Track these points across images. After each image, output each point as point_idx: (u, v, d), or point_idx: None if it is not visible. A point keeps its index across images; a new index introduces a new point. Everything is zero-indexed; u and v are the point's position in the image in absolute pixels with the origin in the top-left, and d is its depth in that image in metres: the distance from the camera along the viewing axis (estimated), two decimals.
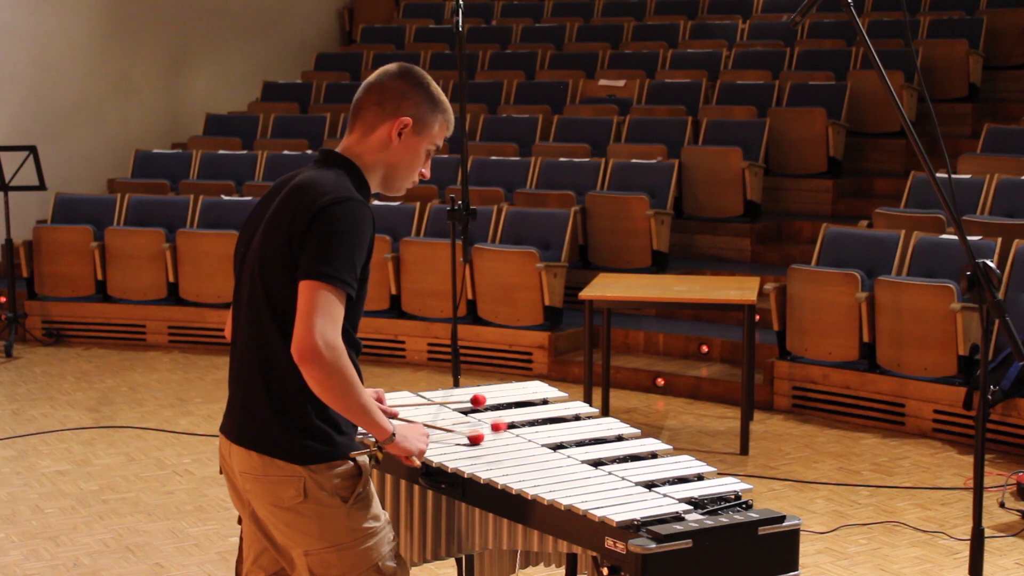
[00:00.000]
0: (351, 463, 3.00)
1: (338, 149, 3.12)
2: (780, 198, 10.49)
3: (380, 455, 3.09)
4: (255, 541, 3.13)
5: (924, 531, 5.66)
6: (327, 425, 2.97)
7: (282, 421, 2.96)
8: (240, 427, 3.04)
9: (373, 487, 3.09)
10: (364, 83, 3.14)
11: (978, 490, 3.13)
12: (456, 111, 6.43)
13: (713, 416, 7.67)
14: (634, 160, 9.97)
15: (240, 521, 3.22)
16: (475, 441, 3.41)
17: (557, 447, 3.41)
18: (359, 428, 3.12)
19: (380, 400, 3.51)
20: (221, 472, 3.17)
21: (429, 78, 3.15)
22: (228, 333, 3.20)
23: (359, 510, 3.00)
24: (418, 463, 3.15)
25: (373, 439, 3.07)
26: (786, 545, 2.94)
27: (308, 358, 2.83)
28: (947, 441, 7.07)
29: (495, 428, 3.52)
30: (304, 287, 2.87)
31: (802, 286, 7.67)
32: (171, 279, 9.72)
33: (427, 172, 3.18)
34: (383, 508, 3.50)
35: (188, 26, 12.93)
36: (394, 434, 3.04)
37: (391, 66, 3.15)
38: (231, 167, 10.99)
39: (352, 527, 2.99)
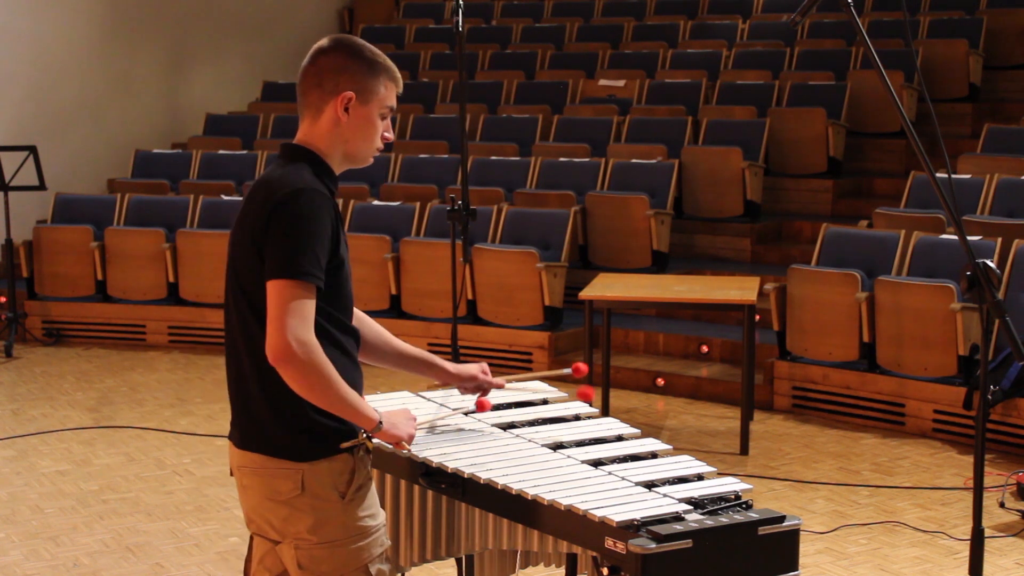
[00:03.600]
0: (351, 459, 2.99)
1: (295, 140, 3.08)
2: (780, 198, 10.49)
3: (370, 444, 3.07)
4: (261, 542, 3.12)
5: (924, 531, 5.66)
6: (327, 419, 2.96)
7: (281, 420, 2.95)
8: (242, 431, 3.03)
9: (374, 487, 3.08)
10: (301, 66, 3.08)
11: (978, 490, 3.13)
12: (456, 111, 6.40)
13: (713, 416, 7.67)
14: (634, 160, 9.97)
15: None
16: (482, 407, 3.47)
17: (557, 447, 3.41)
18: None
19: (485, 372, 3.54)
20: (232, 474, 3.16)
21: (363, 43, 3.07)
22: None
23: (356, 507, 2.99)
24: (408, 448, 3.14)
25: (361, 430, 3.06)
26: (786, 545, 2.94)
27: (282, 360, 2.82)
28: (947, 441, 7.07)
29: (480, 407, 3.56)
30: (271, 287, 2.85)
31: (802, 286, 7.67)
32: (171, 279, 9.73)
33: (390, 135, 3.12)
34: (383, 509, 3.50)
35: (188, 26, 12.93)
36: (381, 422, 3.02)
37: (323, 42, 3.08)
38: (231, 167, 10.99)
39: (346, 524, 2.98)
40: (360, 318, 3.27)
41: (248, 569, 3.20)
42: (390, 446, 3.21)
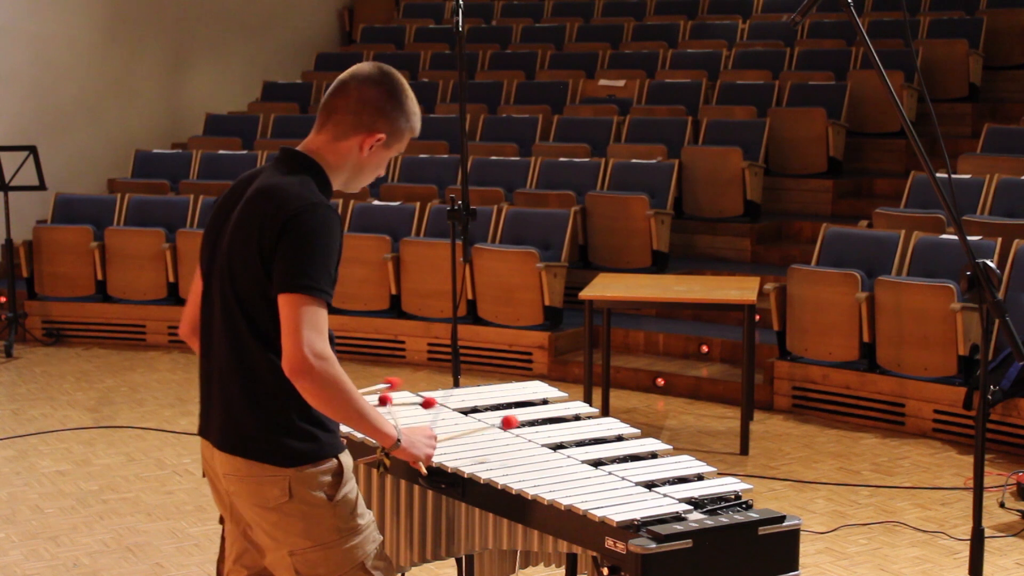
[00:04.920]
0: (336, 461, 2.98)
1: (302, 147, 3.08)
2: (780, 198, 10.49)
3: (388, 462, 3.07)
4: (236, 540, 3.11)
5: (924, 531, 5.66)
6: (311, 424, 2.95)
7: (265, 425, 2.94)
8: (222, 433, 3.01)
9: (357, 485, 3.08)
10: (339, 82, 3.09)
11: (978, 490, 3.13)
12: (456, 111, 6.39)
13: (713, 416, 7.67)
14: (634, 160, 9.97)
15: (222, 520, 3.20)
16: (509, 425, 3.48)
17: (557, 447, 3.41)
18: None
19: (395, 385, 3.55)
20: (204, 475, 3.15)
21: (405, 85, 3.11)
22: (184, 332, 3.18)
23: (344, 508, 2.99)
24: (424, 469, 3.14)
25: (379, 446, 3.05)
26: (786, 545, 2.94)
27: (301, 373, 2.82)
28: (947, 441, 7.07)
29: (507, 424, 3.56)
30: (285, 301, 2.85)
31: (802, 286, 7.67)
32: (171, 279, 9.73)
33: (382, 172, 3.19)
34: (382, 508, 3.50)
35: (188, 26, 12.93)
36: (399, 440, 3.03)
37: (370, 71, 3.09)
38: (231, 167, 10.97)
39: (338, 526, 2.97)
40: None
41: (221, 569, 3.20)
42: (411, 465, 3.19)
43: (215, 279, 3.02)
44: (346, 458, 3.02)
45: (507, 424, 3.54)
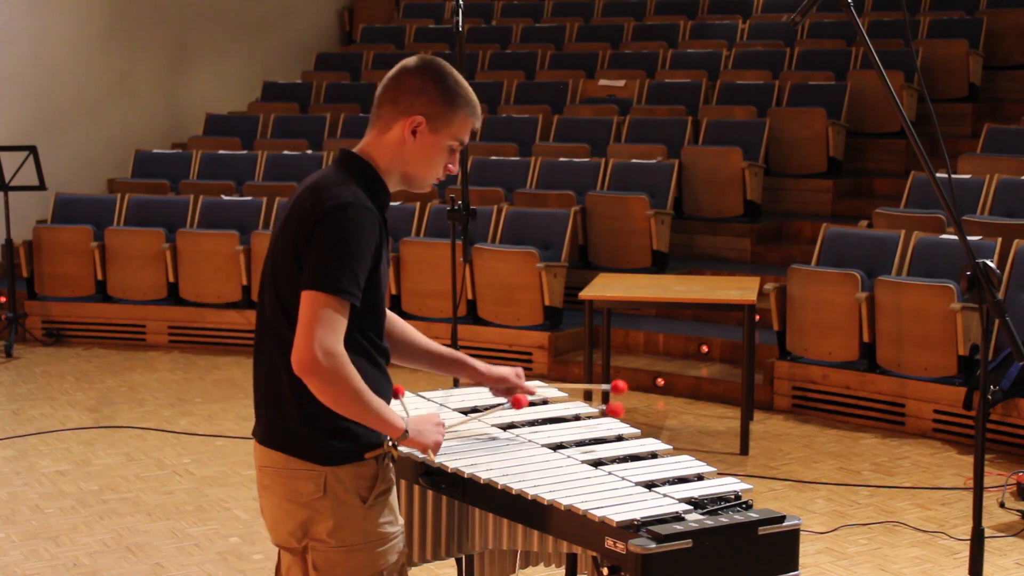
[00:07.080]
0: (374, 462, 2.97)
1: (356, 149, 3.04)
2: (780, 198, 10.49)
3: (396, 453, 3.05)
4: (285, 554, 3.07)
5: (924, 531, 5.66)
6: (356, 424, 2.93)
7: (307, 423, 2.92)
8: (266, 427, 3.00)
9: (395, 493, 3.05)
10: (384, 78, 3.05)
11: (978, 490, 3.13)
12: None
13: (713, 416, 7.67)
14: (634, 160, 9.97)
15: None
16: (518, 404, 3.43)
17: (557, 447, 3.40)
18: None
19: (519, 376, 3.50)
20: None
21: (450, 70, 3.02)
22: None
23: (376, 513, 2.96)
24: (434, 456, 3.12)
25: (388, 438, 3.05)
26: (786, 545, 2.94)
27: (306, 370, 2.80)
28: (947, 441, 7.07)
29: (516, 403, 3.49)
30: (304, 297, 2.83)
31: (802, 286, 7.67)
32: (171, 279, 9.72)
33: (454, 168, 3.07)
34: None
35: (188, 26, 12.93)
36: (407, 430, 3.00)
37: (411, 60, 3.04)
38: (231, 167, 10.99)
39: (366, 529, 2.95)
40: (389, 318, 3.24)
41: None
42: (420, 454, 3.17)
43: (265, 278, 3.02)
44: (387, 462, 3.00)
45: (516, 404, 3.49)
